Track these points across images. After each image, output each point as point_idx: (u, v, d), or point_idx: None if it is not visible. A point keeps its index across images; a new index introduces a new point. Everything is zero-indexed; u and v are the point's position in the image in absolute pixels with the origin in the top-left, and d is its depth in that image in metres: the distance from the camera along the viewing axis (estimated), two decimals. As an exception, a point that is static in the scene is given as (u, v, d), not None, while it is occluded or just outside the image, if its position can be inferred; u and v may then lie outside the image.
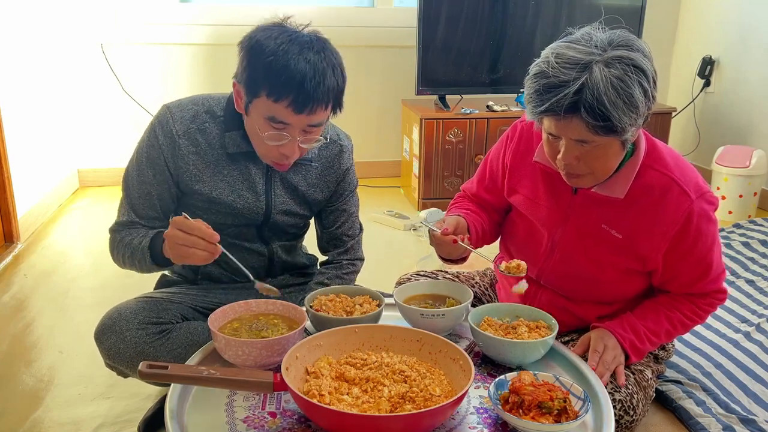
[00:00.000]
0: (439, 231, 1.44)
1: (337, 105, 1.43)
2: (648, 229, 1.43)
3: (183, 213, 1.35)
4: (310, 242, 1.84)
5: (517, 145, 1.58)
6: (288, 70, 1.34)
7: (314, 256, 1.87)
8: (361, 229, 1.79)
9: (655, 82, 1.30)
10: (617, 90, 1.23)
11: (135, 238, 1.52)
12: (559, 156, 1.35)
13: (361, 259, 1.80)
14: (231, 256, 1.38)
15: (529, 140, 1.56)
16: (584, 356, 1.45)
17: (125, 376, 1.61)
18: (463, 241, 1.44)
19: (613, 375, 1.46)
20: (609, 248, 1.48)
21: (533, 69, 1.31)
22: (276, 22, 1.43)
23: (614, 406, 1.39)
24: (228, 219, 1.58)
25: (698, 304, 1.54)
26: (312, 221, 1.77)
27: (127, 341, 1.49)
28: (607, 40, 1.28)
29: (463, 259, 1.58)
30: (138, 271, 1.56)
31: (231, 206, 1.56)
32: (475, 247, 1.54)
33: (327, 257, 1.78)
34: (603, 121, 1.24)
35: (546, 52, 1.31)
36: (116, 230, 1.58)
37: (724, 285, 1.55)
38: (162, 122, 1.52)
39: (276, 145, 1.42)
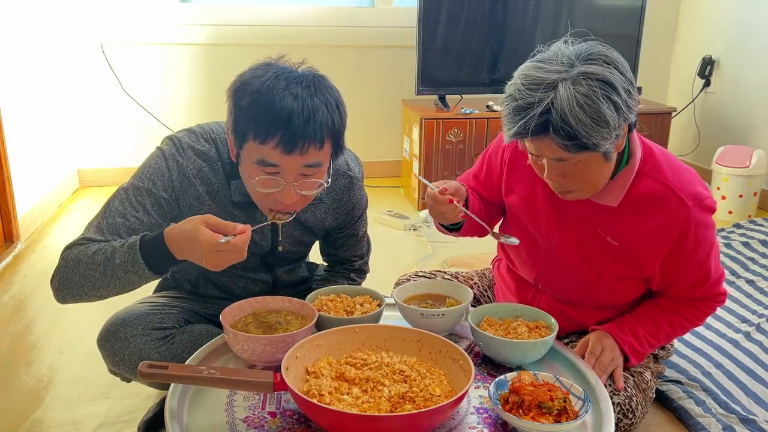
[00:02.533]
0: (437, 189, 1.40)
1: (336, 145, 1.33)
2: (646, 238, 1.42)
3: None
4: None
5: (515, 146, 1.56)
6: (273, 106, 1.23)
7: (314, 264, 1.85)
8: (369, 248, 1.75)
9: (628, 92, 1.26)
10: (583, 108, 1.21)
11: (107, 245, 1.30)
12: (545, 174, 1.35)
13: (367, 272, 1.77)
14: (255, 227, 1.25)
15: None
16: (583, 358, 1.45)
17: (128, 381, 1.60)
18: (458, 203, 1.41)
19: (612, 378, 1.45)
20: (605, 254, 1.47)
21: (506, 91, 1.31)
22: (267, 62, 1.33)
23: (613, 410, 1.39)
24: None
25: (699, 306, 1.53)
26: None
27: (131, 347, 1.48)
28: (575, 55, 1.26)
29: (459, 230, 1.56)
30: (100, 290, 1.31)
31: None
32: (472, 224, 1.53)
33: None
34: (571, 140, 1.23)
35: (516, 74, 1.30)
36: (74, 245, 1.36)
37: (724, 287, 1.54)
38: (176, 158, 1.41)
39: (270, 192, 1.30)
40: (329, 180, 1.39)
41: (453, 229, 1.58)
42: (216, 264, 1.20)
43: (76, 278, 1.32)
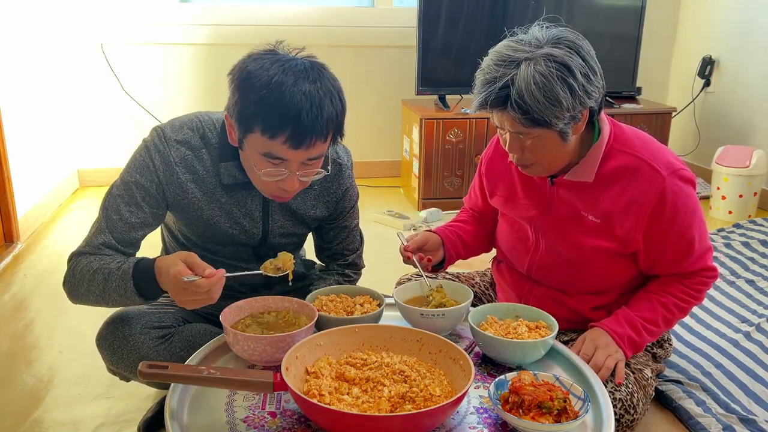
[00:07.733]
0: (403, 243, 1.57)
1: (337, 133, 1.35)
2: (623, 210, 1.46)
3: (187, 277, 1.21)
4: (308, 245, 1.83)
5: (493, 153, 1.69)
6: (282, 104, 1.24)
7: (311, 261, 1.84)
8: (361, 240, 1.75)
9: (587, 77, 1.35)
10: (539, 86, 1.32)
11: (111, 263, 1.38)
12: (506, 147, 1.46)
13: (362, 268, 1.78)
14: (234, 274, 1.29)
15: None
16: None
17: (127, 380, 1.60)
18: (420, 260, 1.57)
19: (614, 373, 1.45)
20: (589, 234, 1.51)
21: (481, 65, 1.43)
22: (268, 49, 1.34)
23: (615, 405, 1.39)
24: (223, 245, 1.55)
25: (688, 284, 1.53)
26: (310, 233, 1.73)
27: (129, 346, 1.48)
28: (545, 38, 1.37)
29: (441, 268, 1.70)
30: (103, 304, 1.40)
31: (227, 233, 1.52)
32: (465, 257, 1.71)
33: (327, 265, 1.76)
34: (525, 114, 1.34)
35: (490, 51, 1.42)
36: (81, 253, 1.42)
37: (713, 263, 1.55)
38: (158, 147, 1.43)
39: (274, 180, 1.35)
40: (329, 168, 1.44)
41: (436, 268, 1.70)
42: (183, 302, 1.25)
43: (81, 290, 1.41)
